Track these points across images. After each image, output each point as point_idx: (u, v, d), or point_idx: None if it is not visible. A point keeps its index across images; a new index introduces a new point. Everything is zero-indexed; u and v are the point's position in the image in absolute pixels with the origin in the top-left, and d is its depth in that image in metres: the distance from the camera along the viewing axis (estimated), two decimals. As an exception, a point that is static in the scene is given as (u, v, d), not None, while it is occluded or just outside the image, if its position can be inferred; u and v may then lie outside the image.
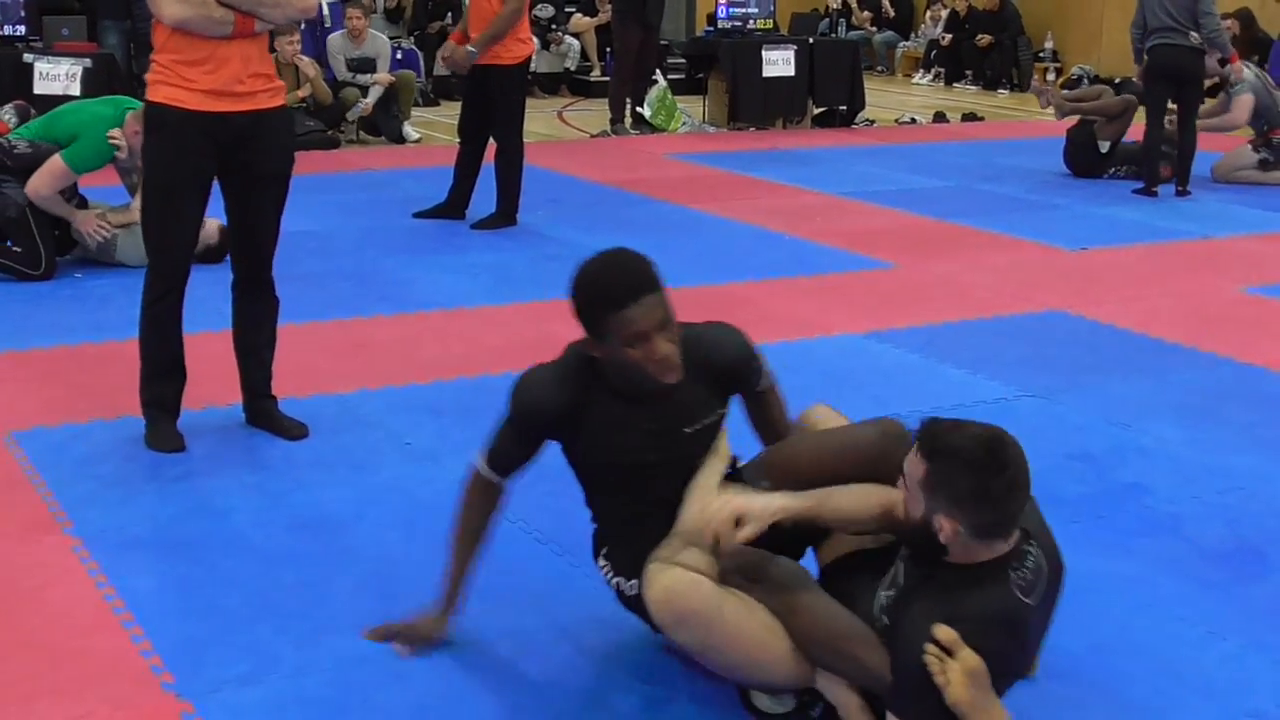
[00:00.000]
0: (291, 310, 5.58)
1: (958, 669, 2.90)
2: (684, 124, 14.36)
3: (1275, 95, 11.84)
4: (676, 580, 3.21)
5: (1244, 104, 11.69)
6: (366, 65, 12.92)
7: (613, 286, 3.36)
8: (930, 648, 2.92)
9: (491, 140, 9.13)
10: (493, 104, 8.96)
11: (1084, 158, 12.02)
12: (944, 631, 2.92)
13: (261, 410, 5.32)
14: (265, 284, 5.24)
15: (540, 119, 14.27)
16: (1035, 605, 3.05)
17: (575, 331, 3.45)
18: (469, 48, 8.80)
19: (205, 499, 4.70)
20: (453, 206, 9.30)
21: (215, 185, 4.99)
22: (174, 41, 4.75)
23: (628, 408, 3.47)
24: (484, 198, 9.19)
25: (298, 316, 6.21)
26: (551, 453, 3.63)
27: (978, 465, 2.93)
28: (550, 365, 3.57)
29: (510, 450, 3.65)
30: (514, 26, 8.79)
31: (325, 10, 12.98)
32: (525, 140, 9.31)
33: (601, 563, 3.65)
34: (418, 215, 9.32)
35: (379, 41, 13.22)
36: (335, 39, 13.16)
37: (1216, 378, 6.33)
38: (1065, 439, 5.43)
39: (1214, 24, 10.68)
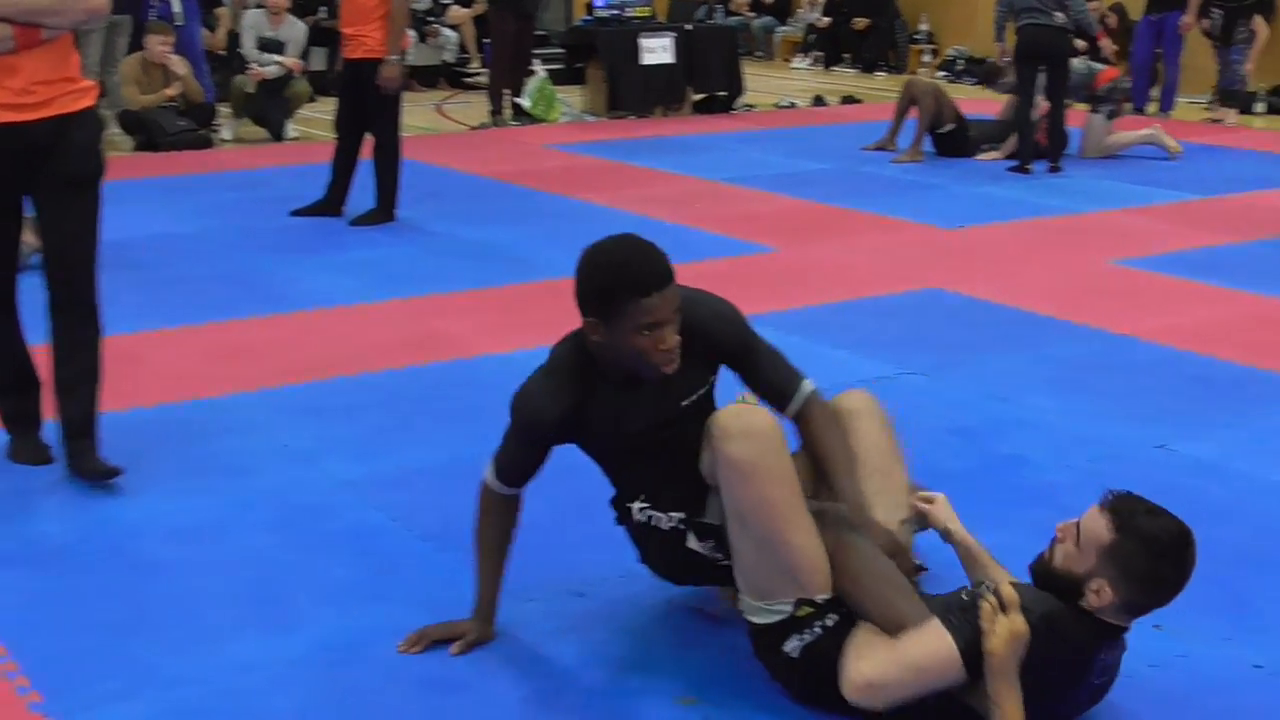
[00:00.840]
0: (164, 314, 5.50)
1: (1006, 625, 3.02)
2: (564, 114, 14.30)
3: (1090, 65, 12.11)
4: (757, 411, 3.36)
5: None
6: (276, 47, 12.69)
7: (639, 274, 3.36)
8: (990, 597, 3.07)
9: (369, 135, 9.04)
10: (369, 99, 8.87)
11: (951, 139, 12.11)
12: (1008, 590, 3.07)
13: (74, 450, 4.78)
14: (85, 307, 4.76)
15: (419, 112, 14.16)
16: (1095, 679, 3.19)
17: (455, 326, 3.41)
18: (390, 58, 8.72)
19: (74, 511, 4.59)
20: (330, 203, 9.19)
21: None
22: None
23: (626, 393, 3.51)
24: (363, 193, 9.10)
25: (170, 320, 6.13)
26: (429, 450, 3.61)
27: (1165, 557, 3.09)
28: (545, 373, 3.59)
29: (519, 462, 3.65)
30: (409, 18, 8.73)
31: (177, 7, 12.65)
32: (404, 134, 9.23)
33: (638, 507, 3.63)
34: (295, 213, 9.20)
35: (297, 28, 12.94)
36: (252, 14, 12.90)
37: (1089, 349, 6.41)
38: (945, 414, 5.48)
39: (1080, 5, 10.86)
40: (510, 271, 7.75)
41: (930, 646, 3.12)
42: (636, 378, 3.46)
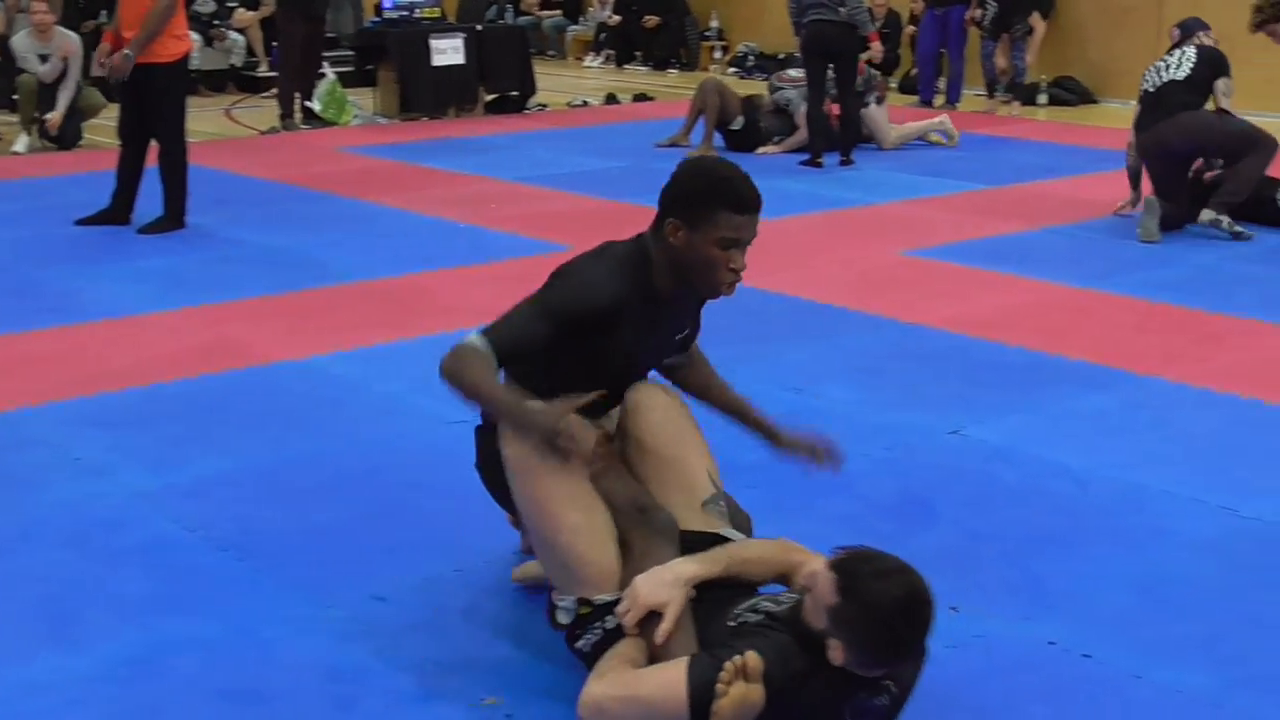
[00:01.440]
0: (-57, 330, 5.34)
1: (741, 691, 2.94)
2: (355, 117, 14.18)
3: None
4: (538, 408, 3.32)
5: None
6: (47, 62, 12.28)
7: (739, 191, 3.46)
8: (734, 661, 2.95)
9: (154, 142, 8.87)
10: (152, 104, 8.70)
11: (742, 134, 12.26)
12: (754, 660, 2.96)
13: None
14: None
15: (207, 117, 13.94)
16: None
17: (248, 333, 3.37)
18: (125, 51, 8.52)
19: None
20: (117, 212, 9.00)
21: None
22: None
23: (651, 308, 3.56)
24: (151, 201, 8.93)
25: (-51, 336, 5.96)
26: (225, 459, 3.54)
27: (888, 622, 2.96)
28: (602, 260, 3.56)
29: (525, 336, 3.47)
30: (169, 23, 8.55)
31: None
32: (191, 140, 9.09)
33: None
34: (80, 222, 9.00)
35: (68, 39, 12.45)
36: (21, 39, 12.36)
37: (881, 339, 6.53)
38: (741, 407, 5.53)
39: (856, 1, 11.05)
40: (304, 277, 7.66)
41: (663, 687, 3.05)
42: (680, 293, 3.57)
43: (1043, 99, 15.67)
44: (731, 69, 19.12)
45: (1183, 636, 3.80)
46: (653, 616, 3.19)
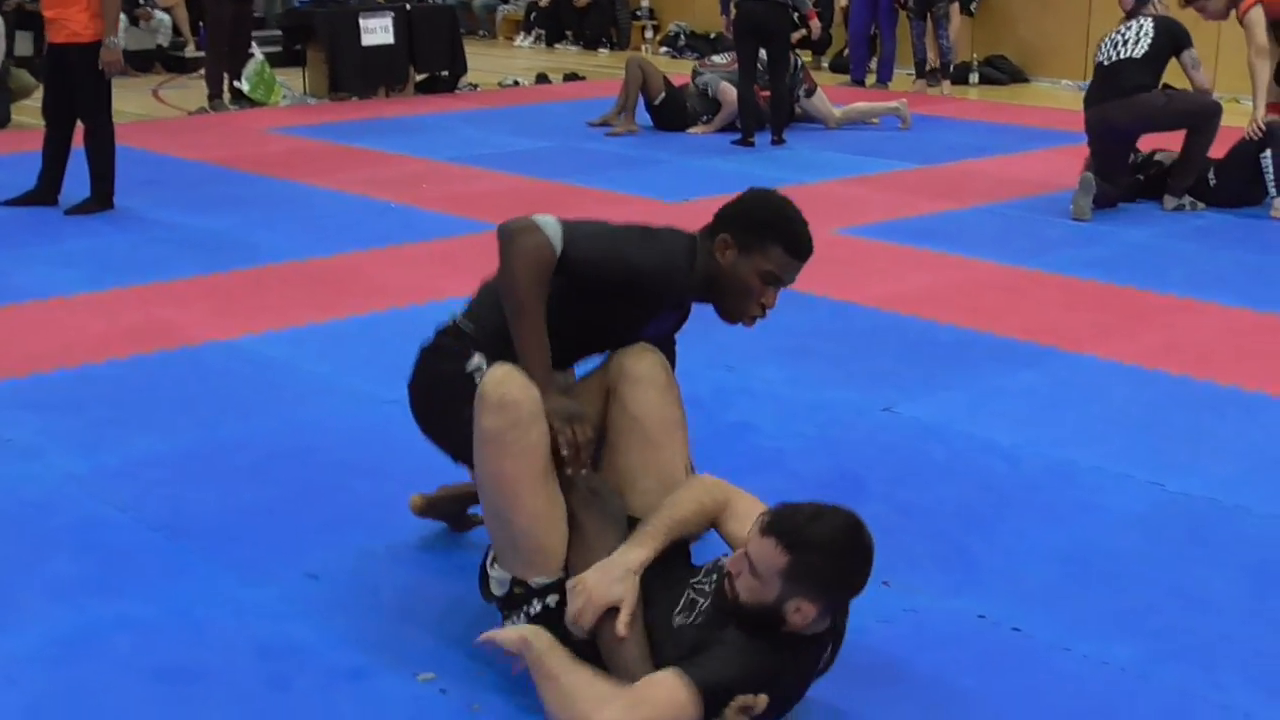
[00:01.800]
0: None
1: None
2: (284, 97, 14.11)
3: None
4: (515, 379, 3.27)
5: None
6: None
7: (801, 235, 3.61)
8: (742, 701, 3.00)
9: (80, 123, 8.81)
10: (77, 85, 8.63)
11: (667, 111, 12.30)
12: (762, 701, 3.00)
13: None
14: None
15: (134, 98, 13.84)
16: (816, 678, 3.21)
17: (179, 314, 3.37)
18: (107, 42, 8.45)
19: None
20: (44, 193, 8.93)
21: None
22: None
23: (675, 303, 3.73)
24: (78, 182, 8.86)
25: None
26: (157, 440, 3.54)
27: (844, 554, 3.05)
28: (679, 241, 3.63)
29: (596, 257, 3.46)
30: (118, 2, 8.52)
31: None
32: (118, 120, 9.02)
33: (476, 362, 3.57)
34: (6, 204, 8.93)
35: None
36: None
37: (814, 317, 6.57)
38: (675, 386, 5.56)
39: None
40: (234, 258, 7.63)
41: (670, 697, 3.02)
42: (707, 300, 3.66)
43: (974, 78, 15.80)
44: (663, 48, 19.14)
45: (1111, 610, 3.86)
46: (608, 613, 3.20)
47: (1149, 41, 8.77)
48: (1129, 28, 8.92)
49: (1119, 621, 3.79)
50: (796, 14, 11.80)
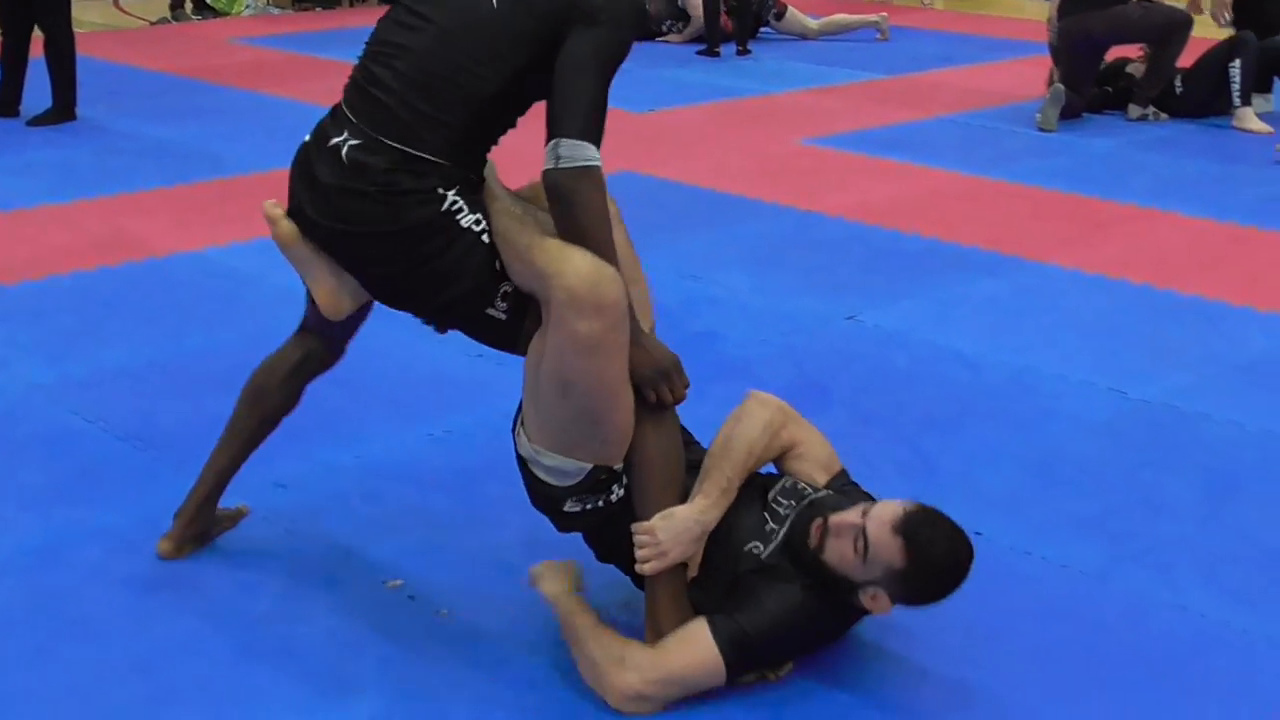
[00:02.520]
0: None
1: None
2: (247, 7, 13.98)
3: None
4: (609, 277, 2.95)
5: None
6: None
7: None
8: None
9: (39, 32, 8.70)
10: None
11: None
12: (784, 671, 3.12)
13: None
14: None
15: (95, 8, 13.67)
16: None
17: (144, 225, 3.36)
18: None
19: None
20: (4, 104, 8.84)
21: None
22: None
23: None
24: (39, 94, 8.78)
25: None
26: (123, 351, 3.53)
27: (947, 575, 3.03)
28: None
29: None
30: None
31: None
32: (80, 30, 8.93)
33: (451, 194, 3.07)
34: (-35, 115, 8.86)
35: None
36: None
37: (779, 227, 6.59)
38: (640, 296, 5.57)
39: None
40: (198, 169, 7.58)
41: (699, 664, 3.03)
42: None
43: (941, -11, 15.75)
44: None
45: (1071, 514, 3.91)
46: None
47: None
48: None
49: (1079, 526, 3.84)
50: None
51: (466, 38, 3.04)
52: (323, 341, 3.51)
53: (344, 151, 3.04)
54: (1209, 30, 9.45)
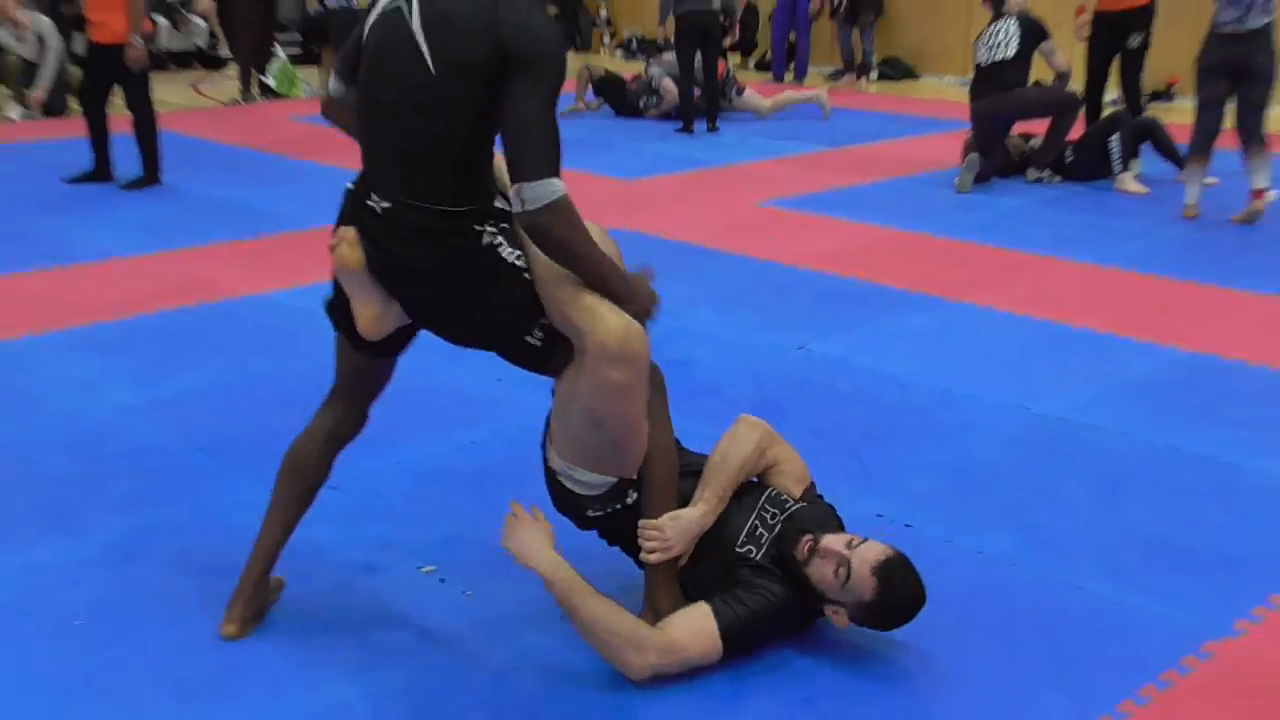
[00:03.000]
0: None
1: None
2: (305, 90, 13.96)
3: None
4: (636, 333, 2.89)
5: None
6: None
7: None
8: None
9: (127, 111, 8.64)
10: (120, 78, 8.46)
11: (609, 90, 12.43)
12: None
13: None
14: None
15: (176, 91, 13.64)
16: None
17: (216, 272, 3.32)
18: (132, 39, 8.25)
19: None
20: (99, 173, 8.82)
21: None
22: None
23: None
24: (129, 163, 8.73)
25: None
26: (200, 376, 3.48)
27: (899, 612, 3.06)
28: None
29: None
30: (146, 3, 8.37)
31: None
32: (163, 110, 8.89)
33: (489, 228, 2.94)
34: (69, 181, 8.80)
35: (41, 22, 11.87)
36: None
37: (743, 273, 6.57)
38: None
39: None
40: (263, 224, 7.56)
41: (706, 650, 3.03)
42: None
43: (874, 75, 15.75)
44: (619, 50, 19.01)
45: (986, 510, 3.89)
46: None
47: (1017, 42, 8.77)
48: (998, 29, 8.90)
49: (992, 520, 3.82)
50: (726, 20, 11.79)
51: (418, 109, 2.84)
52: (350, 405, 3.32)
53: (379, 210, 2.96)
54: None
